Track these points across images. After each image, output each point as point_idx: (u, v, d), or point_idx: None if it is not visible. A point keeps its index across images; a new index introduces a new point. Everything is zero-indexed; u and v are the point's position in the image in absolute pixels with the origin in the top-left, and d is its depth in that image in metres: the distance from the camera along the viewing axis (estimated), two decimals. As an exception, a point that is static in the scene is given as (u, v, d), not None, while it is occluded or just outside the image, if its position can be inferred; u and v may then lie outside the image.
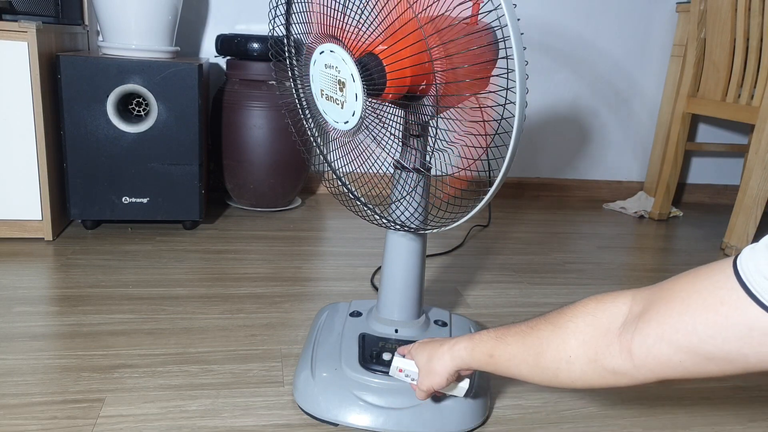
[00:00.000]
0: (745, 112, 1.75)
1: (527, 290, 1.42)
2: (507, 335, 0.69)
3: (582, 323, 0.61)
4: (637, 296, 0.58)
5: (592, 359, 0.59)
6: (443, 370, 0.76)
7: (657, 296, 0.55)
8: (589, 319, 0.60)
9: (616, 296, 0.60)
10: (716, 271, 0.51)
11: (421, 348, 0.81)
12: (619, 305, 0.59)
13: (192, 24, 1.93)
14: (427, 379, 0.78)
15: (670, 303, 0.53)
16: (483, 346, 0.71)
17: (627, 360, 0.56)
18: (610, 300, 0.60)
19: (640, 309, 0.56)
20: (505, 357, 0.68)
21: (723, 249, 1.81)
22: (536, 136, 2.26)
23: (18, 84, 1.36)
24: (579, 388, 0.63)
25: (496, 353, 0.69)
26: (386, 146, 0.77)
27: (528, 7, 2.12)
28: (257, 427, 0.85)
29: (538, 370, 0.64)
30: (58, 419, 0.83)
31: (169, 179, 1.54)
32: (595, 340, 0.59)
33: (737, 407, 1.00)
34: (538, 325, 0.66)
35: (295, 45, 0.90)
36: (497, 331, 0.71)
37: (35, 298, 1.19)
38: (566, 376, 0.62)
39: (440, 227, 0.82)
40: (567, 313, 0.63)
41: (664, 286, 0.56)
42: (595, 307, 0.61)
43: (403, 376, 0.83)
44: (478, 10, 0.70)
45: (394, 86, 0.73)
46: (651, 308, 0.55)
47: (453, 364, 0.75)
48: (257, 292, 1.28)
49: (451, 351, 0.75)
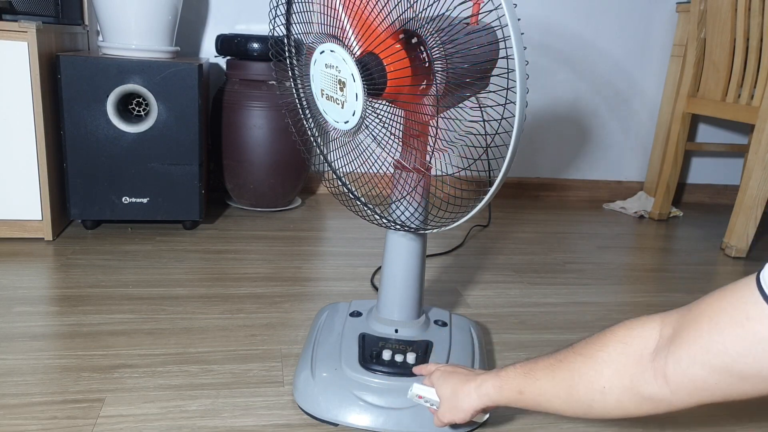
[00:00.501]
0: (745, 112, 1.75)
1: (527, 290, 1.42)
2: (535, 370, 0.68)
3: (614, 352, 0.60)
4: (666, 319, 0.57)
5: (628, 387, 0.58)
6: (470, 407, 0.74)
7: (686, 318, 0.55)
8: (621, 347, 0.59)
9: (644, 321, 0.59)
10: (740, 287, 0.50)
11: (444, 379, 0.79)
12: (648, 330, 0.58)
13: (192, 24, 1.93)
14: (450, 413, 0.77)
15: (698, 323, 0.53)
16: (511, 383, 0.70)
17: (663, 386, 0.55)
18: (639, 326, 0.59)
19: (671, 332, 0.55)
20: (535, 393, 0.67)
21: (723, 249, 1.81)
22: (536, 136, 2.26)
23: (18, 84, 1.36)
24: (615, 418, 0.62)
25: (525, 390, 0.68)
26: (386, 146, 0.77)
27: (528, 7, 2.12)
28: (257, 427, 0.85)
29: (572, 402, 0.63)
30: (58, 419, 0.83)
31: (169, 179, 1.54)
32: (629, 368, 0.58)
33: (737, 407, 1.00)
34: (567, 357, 0.65)
35: (295, 45, 0.90)
36: (524, 366, 0.70)
37: (35, 298, 1.19)
38: (601, 407, 0.61)
39: (440, 227, 0.82)
40: (596, 342, 0.62)
41: (691, 307, 0.55)
42: (625, 334, 0.60)
43: (422, 401, 0.83)
44: (479, 10, 0.70)
45: (394, 86, 0.73)
46: (681, 331, 0.54)
47: (480, 402, 0.73)
48: (257, 292, 1.28)
49: (478, 390, 0.74)
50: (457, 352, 0.96)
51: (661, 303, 1.38)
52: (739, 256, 1.77)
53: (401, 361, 0.90)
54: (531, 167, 2.30)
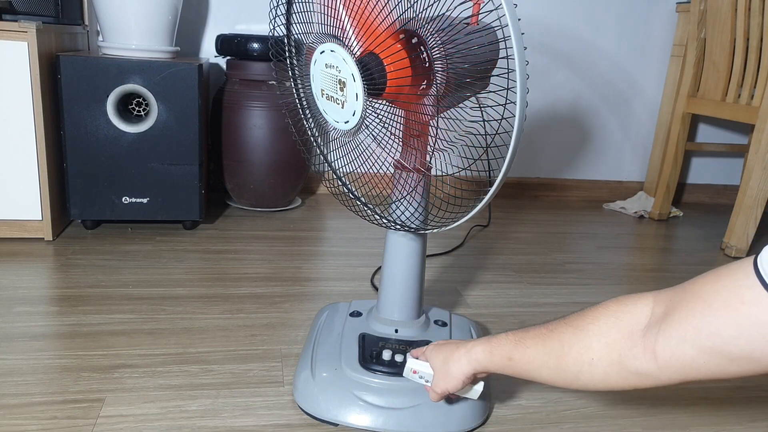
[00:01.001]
0: (745, 112, 1.75)
1: (527, 290, 1.42)
2: (526, 338, 0.68)
3: (604, 325, 0.60)
4: (658, 298, 0.58)
5: (616, 361, 0.59)
6: (460, 373, 0.75)
7: (679, 297, 0.55)
8: (612, 321, 0.60)
9: (637, 298, 0.60)
10: (736, 270, 0.51)
11: (436, 350, 0.80)
12: (641, 307, 0.59)
13: (192, 24, 1.93)
14: (443, 381, 0.77)
15: (691, 303, 0.53)
16: (502, 350, 0.71)
17: (651, 361, 0.56)
18: (631, 302, 0.60)
19: (663, 310, 0.56)
20: (525, 360, 0.68)
21: (723, 249, 1.81)
22: (536, 136, 2.26)
23: (18, 84, 1.36)
24: (601, 390, 0.62)
25: (515, 356, 0.69)
26: (386, 146, 0.77)
27: (528, 7, 2.12)
28: (257, 427, 0.85)
29: (560, 372, 0.64)
30: (58, 419, 0.83)
31: (169, 179, 1.54)
32: (619, 342, 0.59)
33: (737, 407, 1.00)
34: (559, 328, 0.65)
35: (295, 45, 0.90)
36: (516, 334, 0.70)
37: (35, 298, 1.19)
38: (588, 378, 0.61)
39: (440, 227, 0.82)
40: (588, 315, 0.63)
41: (685, 287, 0.56)
42: (617, 309, 0.60)
43: (417, 377, 0.83)
44: (479, 10, 0.70)
45: (394, 86, 0.73)
46: (674, 310, 0.55)
47: (470, 367, 0.74)
48: (257, 292, 1.28)
49: (468, 354, 0.74)
50: (457, 352, 0.96)
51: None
52: (739, 256, 1.77)
53: (401, 361, 0.90)
54: (531, 167, 2.30)
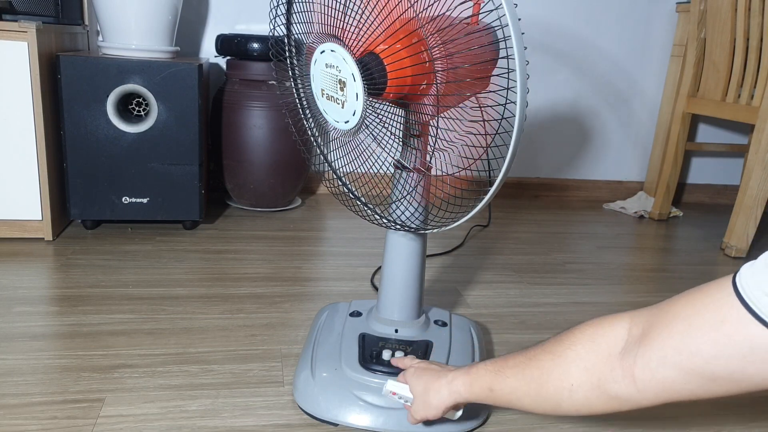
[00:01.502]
0: (745, 112, 1.75)
1: (527, 290, 1.41)
2: (505, 368, 0.68)
3: (582, 350, 0.60)
4: (635, 318, 0.57)
5: (595, 386, 0.58)
6: (440, 404, 0.75)
7: (656, 318, 0.55)
8: (589, 345, 0.60)
9: (613, 319, 0.59)
10: (715, 289, 0.50)
11: (417, 376, 0.79)
12: (617, 329, 0.58)
13: (192, 24, 1.93)
14: (423, 410, 0.77)
15: (670, 324, 0.52)
16: (482, 381, 0.70)
17: (630, 385, 0.55)
18: (608, 324, 0.59)
19: (640, 331, 0.56)
20: (505, 390, 0.68)
21: (723, 249, 1.81)
22: (536, 136, 2.26)
23: (18, 84, 1.36)
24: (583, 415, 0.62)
25: (495, 387, 0.69)
26: (386, 146, 0.77)
27: (529, 7, 2.12)
28: (257, 427, 0.85)
29: (541, 400, 0.64)
30: (58, 419, 0.83)
31: (169, 179, 1.54)
32: (597, 367, 0.58)
33: (738, 407, 1.00)
34: (537, 355, 0.65)
35: (295, 45, 0.90)
36: (495, 364, 0.70)
37: (35, 298, 1.19)
38: (569, 404, 0.61)
39: (440, 227, 0.82)
40: (565, 340, 0.63)
41: (662, 307, 0.55)
42: (594, 332, 0.60)
43: (396, 398, 0.83)
44: (479, 10, 0.70)
45: (394, 86, 0.73)
46: (651, 330, 0.54)
47: (451, 399, 0.74)
48: (257, 292, 1.28)
49: (449, 386, 0.74)
50: (457, 352, 0.96)
51: (661, 303, 1.38)
52: (739, 256, 1.77)
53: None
54: (531, 167, 2.30)
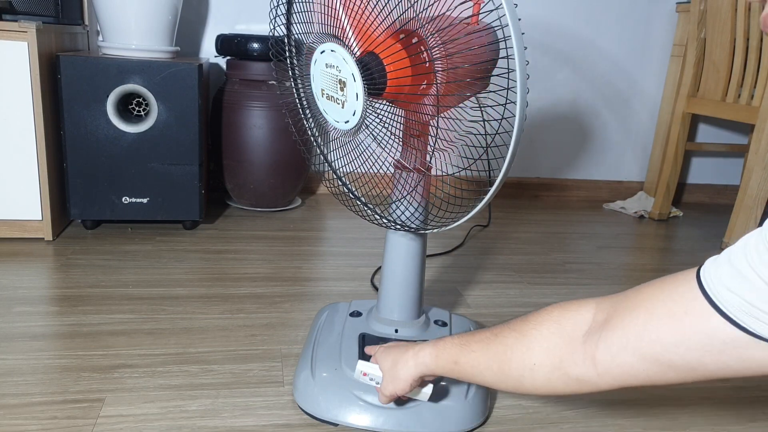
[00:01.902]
0: (745, 112, 1.75)
1: (527, 290, 1.42)
2: (471, 342, 0.69)
3: (546, 331, 0.61)
4: (601, 304, 0.59)
5: (557, 367, 0.59)
6: (407, 376, 0.76)
7: (621, 305, 0.56)
8: (554, 327, 0.61)
9: (580, 304, 0.61)
10: (680, 281, 0.52)
11: (386, 352, 0.80)
12: (582, 313, 0.60)
13: (192, 24, 1.93)
14: (391, 384, 0.78)
15: (634, 312, 0.54)
16: (447, 353, 0.71)
17: (591, 368, 0.56)
18: (574, 308, 0.61)
19: (604, 317, 0.57)
20: (469, 364, 0.69)
21: (723, 249, 1.81)
22: (536, 136, 2.26)
23: (18, 84, 1.36)
24: (543, 394, 0.63)
25: (460, 360, 0.70)
26: (386, 146, 0.77)
27: (529, 7, 2.12)
28: (257, 427, 0.85)
29: (503, 377, 0.65)
30: (58, 419, 0.83)
31: (169, 179, 1.54)
32: (560, 348, 0.59)
33: (738, 407, 1.00)
34: (503, 332, 0.66)
35: (295, 45, 0.90)
36: (462, 338, 0.71)
37: (35, 298, 1.19)
38: (530, 383, 0.62)
39: (440, 227, 0.82)
40: (531, 320, 0.64)
41: (628, 294, 0.57)
42: (560, 315, 0.61)
43: (367, 379, 0.83)
44: (479, 10, 0.70)
45: (394, 86, 0.73)
46: (615, 317, 0.55)
47: (417, 370, 0.75)
48: (257, 292, 1.28)
49: (415, 357, 0.75)
50: (457, 352, 0.96)
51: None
52: (739, 256, 1.77)
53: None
54: (531, 167, 2.30)
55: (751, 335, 0.47)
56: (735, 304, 0.47)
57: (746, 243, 0.48)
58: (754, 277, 0.46)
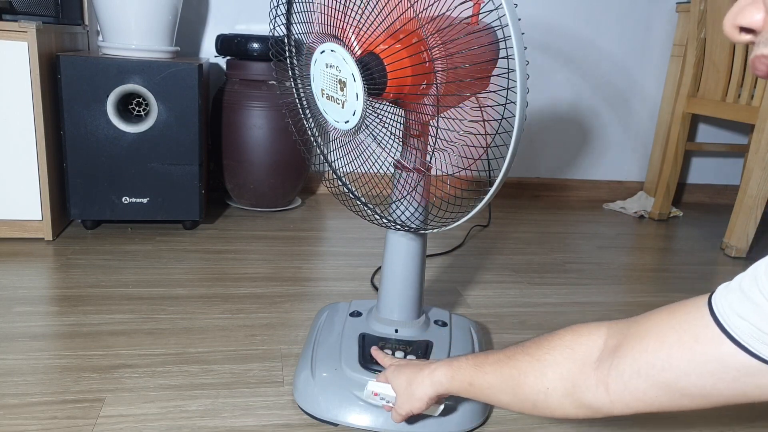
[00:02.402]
0: (745, 112, 1.75)
1: (527, 290, 1.41)
2: (485, 364, 0.70)
3: (560, 356, 0.62)
4: (612, 329, 0.59)
5: (570, 392, 0.60)
6: (423, 395, 0.76)
7: (632, 331, 0.56)
8: (567, 352, 0.61)
9: (591, 329, 0.61)
10: (691, 308, 0.52)
11: (398, 372, 0.80)
12: (594, 338, 0.60)
13: (192, 24, 1.93)
14: (407, 403, 0.78)
15: (645, 338, 0.54)
16: (462, 374, 0.72)
17: (603, 394, 0.57)
18: (586, 332, 0.61)
19: (616, 342, 0.57)
20: (484, 386, 0.69)
21: (723, 249, 1.81)
22: (536, 136, 2.26)
23: (18, 84, 1.36)
24: (558, 417, 0.64)
25: (475, 382, 0.70)
26: (386, 146, 0.77)
27: (529, 7, 2.12)
28: (257, 427, 0.85)
29: (517, 399, 0.65)
30: (58, 419, 0.83)
31: (169, 179, 1.54)
32: (573, 374, 0.60)
33: (739, 407, 0.99)
34: (516, 356, 0.66)
35: (295, 45, 0.90)
36: (476, 359, 0.71)
37: (35, 298, 1.19)
38: (544, 406, 0.63)
39: (440, 227, 0.82)
40: (544, 344, 0.64)
41: (639, 320, 0.56)
42: (572, 340, 0.62)
43: (378, 399, 0.83)
44: (479, 10, 0.70)
45: (394, 86, 0.73)
46: (626, 343, 0.55)
47: (433, 389, 0.75)
48: (257, 292, 1.28)
49: (431, 377, 0.75)
50: (457, 352, 0.96)
51: (661, 303, 1.37)
52: (739, 256, 1.77)
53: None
54: (531, 167, 2.30)
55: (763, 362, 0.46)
56: (745, 330, 0.46)
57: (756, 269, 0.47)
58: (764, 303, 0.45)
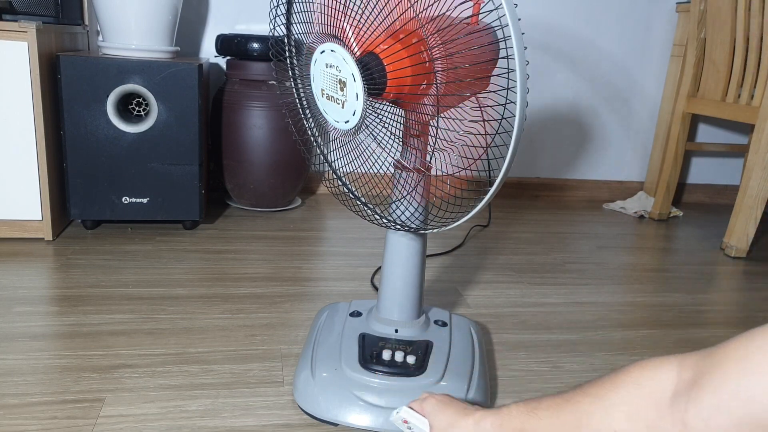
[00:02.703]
0: (745, 112, 1.75)
1: (527, 290, 1.41)
2: (539, 409, 0.65)
3: (627, 394, 0.56)
4: (684, 362, 0.54)
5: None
6: None
7: (709, 361, 0.51)
8: (634, 389, 0.56)
9: (660, 362, 0.56)
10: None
11: (439, 410, 0.75)
12: (665, 372, 0.55)
13: (192, 24, 1.93)
14: None
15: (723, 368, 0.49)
16: (513, 422, 0.67)
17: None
18: (654, 367, 0.56)
19: (691, 376, 0.52)
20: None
21: (723, 249, 1.81)
22: (536, 136, 2.26)
23: (18, 84, 1.36)
24: None
25: (528, 428, 0.65)
26: (386, 146, 0.77)
27: (529, 6, 2.12)
28: (257, 427, 0.85)
29: None
30: (58, 419, 0.83)
31: (169, 179, 1.54)
32: (644, 413, 0.55)
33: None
34: (575, 398, 0.61)
35: (295, 45, 0.90)
36: (527, 405, 0.66)
37: (35, 298, 1.19)
38: None
39: (440, 227, 0.82)
40: (607, 383, 0.59)
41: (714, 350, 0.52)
42: (640, 375, 0.57)
43: (405, 427, 0.79)
44: (479, 10, 0.70)
45: (394, 86, 0.73)
46: (704, 375, 0.51)
47: None
48: (257, 292, 1.28)
49: (477, 426, 0.70)
50: (457, 352, 0.96)
51: (661, 303, 1.38)
52: (739, 256, 1.77)
53: (401, 361, 0.90)
54: (531, 167, 2.30)
55: None
56: None
57: None
58: None
